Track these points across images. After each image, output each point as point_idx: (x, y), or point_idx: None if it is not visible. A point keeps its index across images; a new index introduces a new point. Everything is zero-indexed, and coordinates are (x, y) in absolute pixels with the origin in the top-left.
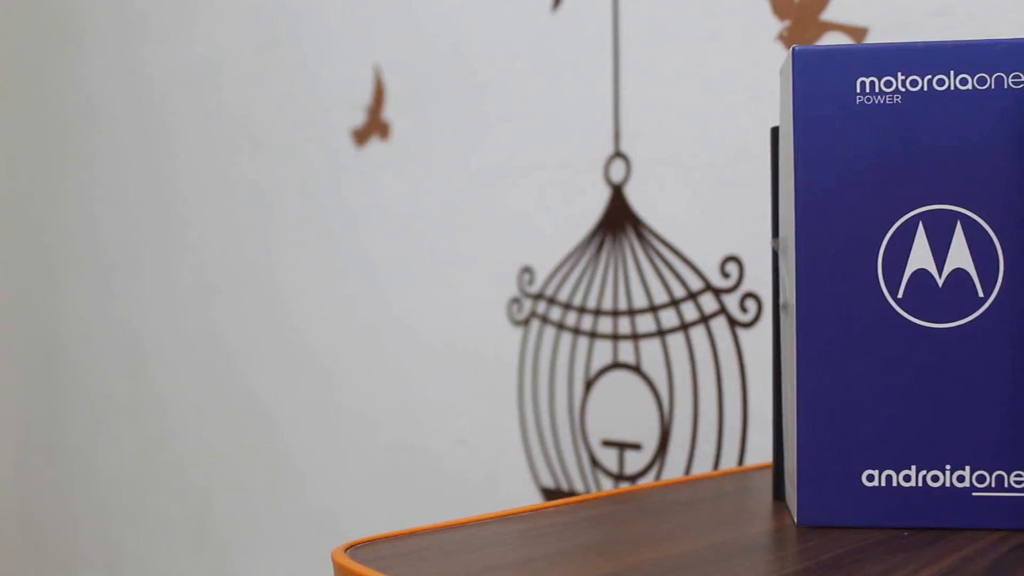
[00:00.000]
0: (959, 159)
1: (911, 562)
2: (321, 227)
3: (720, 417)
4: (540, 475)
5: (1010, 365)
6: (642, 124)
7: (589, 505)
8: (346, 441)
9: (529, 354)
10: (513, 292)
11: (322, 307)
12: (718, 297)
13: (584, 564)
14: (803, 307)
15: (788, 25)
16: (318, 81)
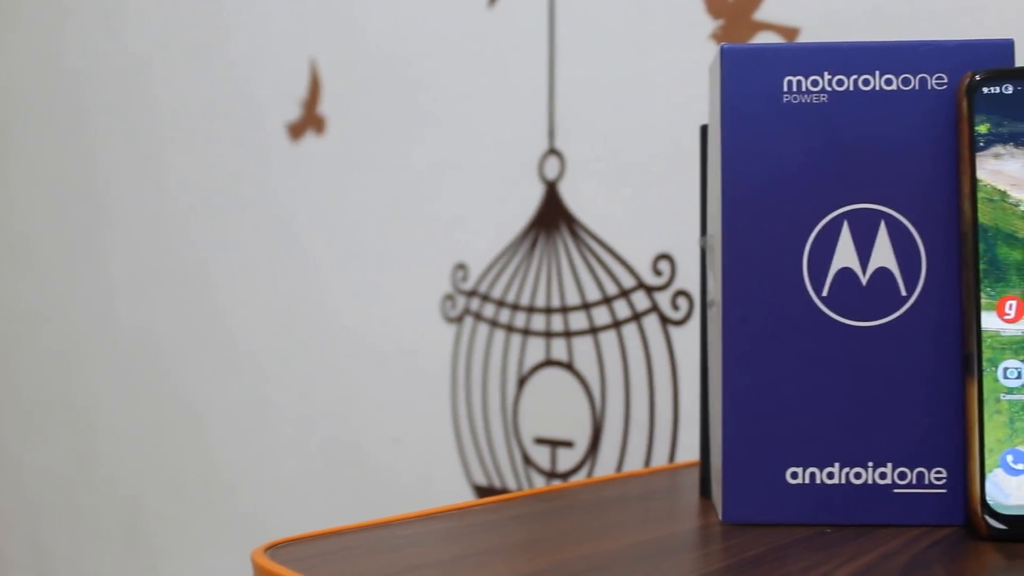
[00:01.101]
0: (883, 159)
1: (832, 559)
2: (254, 222)
3: (651, 414)
4: (473, 473)
5: (931, 363)
6: (577, 121)
7: (516, 503)
8: (278, 440)
9: (462, 351)
10: (447, 289)
11: (255, 304)
12: (650, 295)
13: (508, 563)
14: (729, 305)
15: (722, 24)
16: (252, 74)
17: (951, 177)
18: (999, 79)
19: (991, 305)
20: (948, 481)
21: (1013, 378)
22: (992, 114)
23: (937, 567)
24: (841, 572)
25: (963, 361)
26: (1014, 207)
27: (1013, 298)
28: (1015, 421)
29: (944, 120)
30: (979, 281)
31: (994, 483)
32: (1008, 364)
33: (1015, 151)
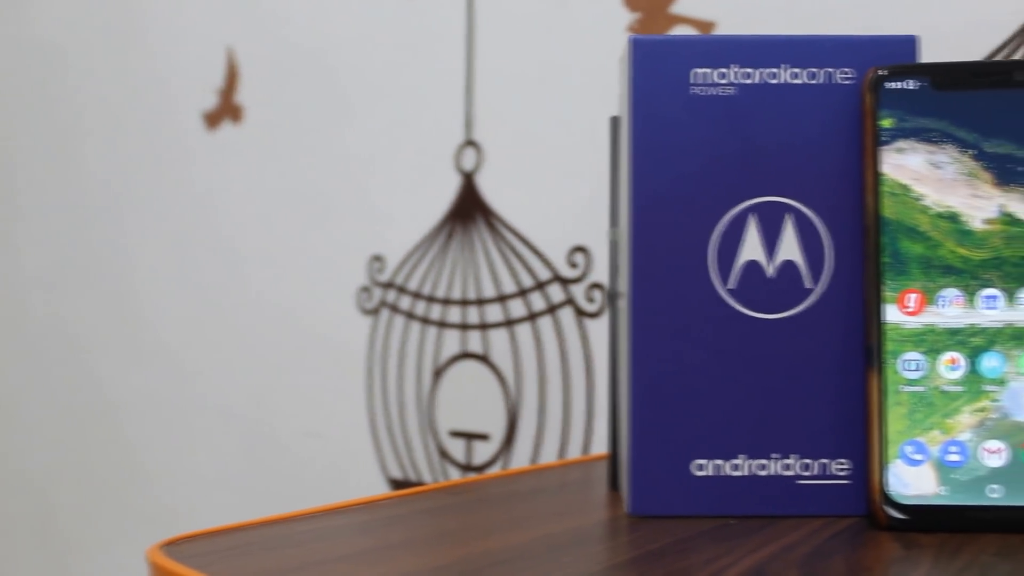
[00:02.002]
0: (790, 152)
1: (734, 550)
2: (170, 212)
3: (566, 407)
4: (389, 466)
5: (835, 355)
6: (494, 113)
7: (425, 497)
8: (195, 433)
9: (378, 344)
10: (363, 281)
11: (171, 295)
12: (566, 287)
13: (411, 558)
14: (636, 297)
15: (639, 17)
16: (168, 62)
17: (856, 171)
18: (903, 74)
19: (893, 298)
20: (851, 472)
21: (913, 370)
22: (896, 109)
23: (837, 557)
24: (743, 563)
25: (865, 353)
26: (916, 201)
27: (914, 291)
28: (915, 412)
29: (849, 114)
30: (881, 274)
31: (894, 474)
32: (909, 356)
33: (917, 146)
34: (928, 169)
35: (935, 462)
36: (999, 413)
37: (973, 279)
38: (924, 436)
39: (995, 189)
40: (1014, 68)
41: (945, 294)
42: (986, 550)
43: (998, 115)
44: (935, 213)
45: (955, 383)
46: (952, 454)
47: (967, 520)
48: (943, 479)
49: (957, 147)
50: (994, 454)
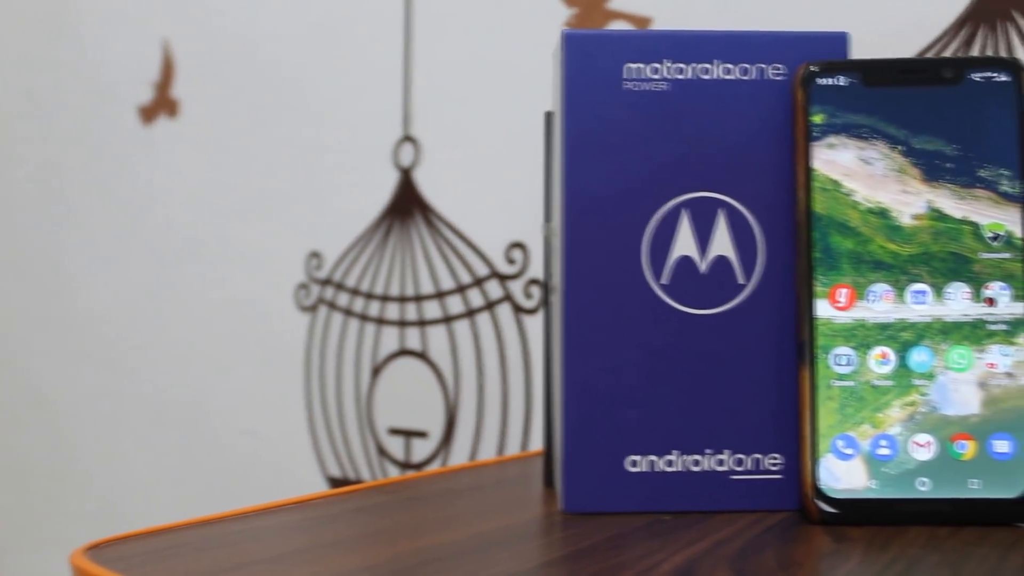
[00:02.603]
0: (722, 147)
1: (667, 547)
2: (106, 207)
3: (504, 404)
4: (327, 465)
5: (767, 350)
6: (432, 108)
7: (360, 495)
8: (131, 432)
9: (317, 341)
10: (301, 277)
11: (107, 290)
12: (503, 284)
13: (342, 557)
14: (569, 293)
15: (576, 13)
16: (102, 55)
17: (787, 166)
18: (834, 71)
19: (824, 293)
20: (784, 467)
21: (844, 365)
22: (827, 105)
23: (769, 552)
24: (675, 559)
25: (797, 349)
26: (846, 197)
27: (845, 286)
28: (845, 407)
29: (781, 110)
30: (812, 270)
31: (826, 468)
32: (839, 351)
33: (848, 141)
34: (858, 165)
35: (865, 456)
36: (928, 407)
37: (902, 274)
38: (855, 430)
39: (923, 185)
40: (942, 66)
41: (875, 289)
42: (915, 543)
43: (926, 112)
44: (865, 209)
45: (885, 377)
46: (882, 448)
47: (897, 513)
48: (873, 473)
49: (887, 143)
50: (923, 447)
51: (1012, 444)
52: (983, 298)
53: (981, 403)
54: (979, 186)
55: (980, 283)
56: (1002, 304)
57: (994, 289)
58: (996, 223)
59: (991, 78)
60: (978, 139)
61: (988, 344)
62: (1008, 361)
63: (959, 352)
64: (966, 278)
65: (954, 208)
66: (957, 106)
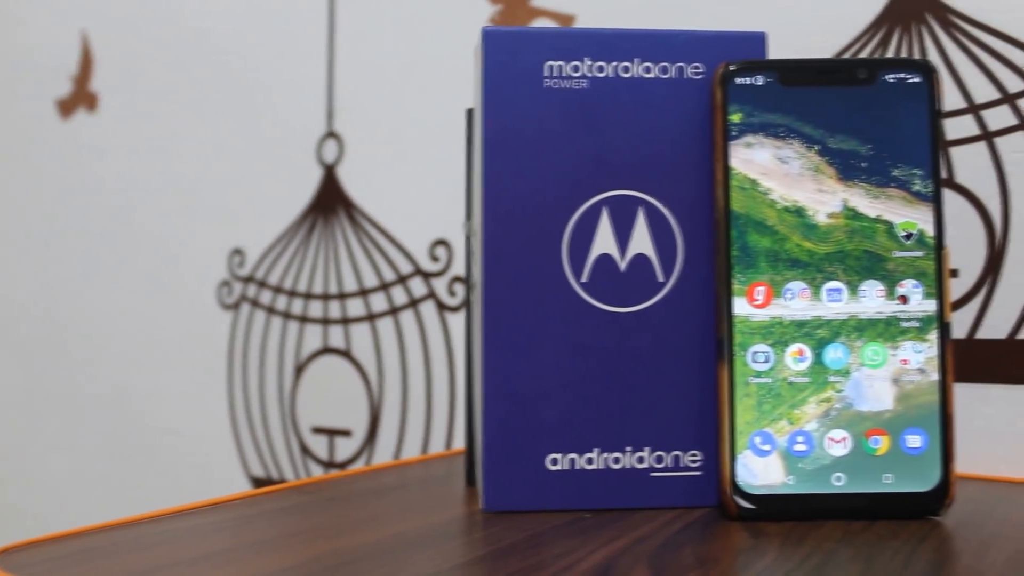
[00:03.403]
0: (642, 145)
1: (586, 544)
2: (22, 203)
3: (429, 401)
4: (250, 464)
5: (687, 348)
6: (356, 104)
7: (280, 496)
8: (49, 432)
9: (239, 339)
10: (223, 275)
11: (23, 289)
12: (427, 281)
13: (256, 559)
14: (488, 291)
15: (500, 9)
16: (19, 46)
17: (706, 165)
18: (751, 70)
19: (742, 291)
20: (703, 464)
21: (761, 362)
22: (744, 104)
23: (687, 549)
24: (594, 558)
25: (716, 346)
26: (764, 195)
27: (762, 284)
28: (763, 404)
29: (700, 109)
30: (730, 268)
31: (743, 464)
32: (757, 348)
33: (765, 141)
34: (775, 164)
35: (782, 452)
36: (843, 403)
37: (818, 272)
38: (772, 427)
39: (838, 184)
40: (857, 66)
41: (792, 287)
42: (830, 537)
43: (842, 112)
44: (782, 207)
45: (801, 374)
46: (799, 444)
47: (813, 508)
48: (790, 468)
49: (803, 142)
50: (838, 443)
51: (924, 439)
52: (896, 296)
53: (894, 399)
54: (892, 185)
55: (894, 281)
56: (914, 302)
57: (907, 287)
58: (909, 222)
59: (904, 79)
60: (892, 139)
61: (901, 341)
62: (920, 357)
63: (873, 349)
64: (880, 276)
65: (868, 207)
66: (871, 106)
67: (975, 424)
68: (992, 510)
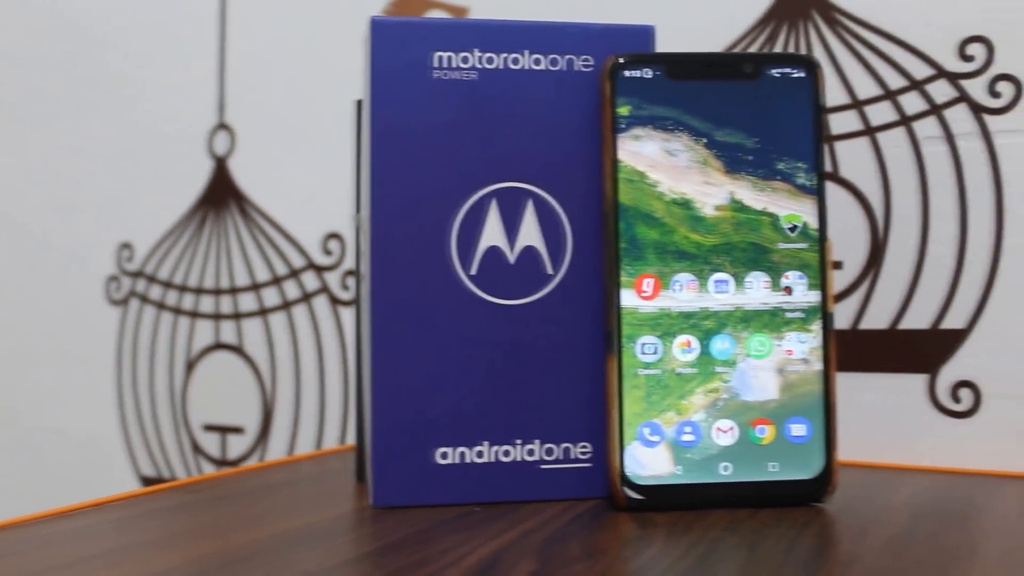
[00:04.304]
0: (531, 137)
1: (475, 538)
2: None
3: (322, 397)
4: (140, 464)
5: (576, 340)
6: (248, 95)
7: (166, 495)
8: None
9: (128, 335)
10: (111, 270)
11: None
12: (320, 275)
13: (138, 561)
14: (376, 284)
15: (394, 0)
16: None
17: (594, 158)
18: (639, 63)
19: (630, 283)
20: (593, 455)
21: (650, 353)
22: (633, 97)
23: (574, 541)
24: (481, 551)
25: (604, 338)
26: (651, 188)
27: (650, 276)
28: (651, 395)
29: (589, 101)
30: (618, 260)
31: (632, 455)
32: (645, 340)
33: (653, 133)
34: (663, 156)
35: (670, 443)
36: (729, 393)
37: (705, 264)
38: (660, 418)
39: (725, 177)
40: (743, 61)
41: (679, 278)
42: (716, 525)
43: (728, 105)
44: (669, 199)
45: (689, 365)
46: (686, 434)
47: (700, 497)
48: (678, 459)
49: (690, 135)
50: (725, 433)
51: (807, 427)
52: (781, 287)
53: (779, 389)
54: (777, 178)
55: (778, 273)
56: (798, 293)
57: (791, 278)
58: (793, 214)
59: (788, 74)
60: (776, 133)
61: (786, 332)
62: (804, 348)
63: (759, 339)
64: (765, 268)
65: (754, 200)
66: (757, 100)
67: (858, 412)
68: (873, 496)
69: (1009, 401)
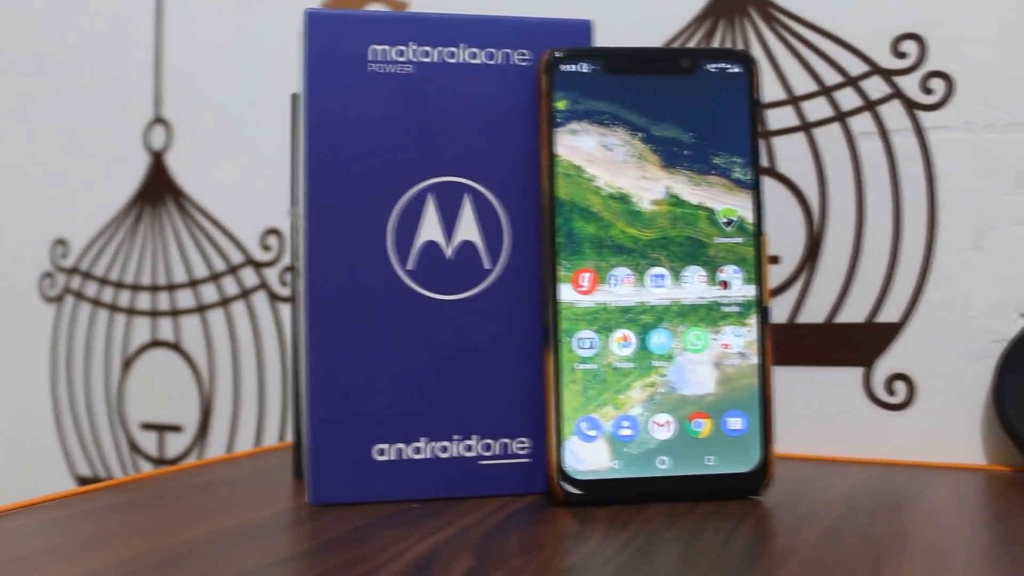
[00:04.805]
0: (468, 132)
1: (412, 535)
2: None
3: (261, 394)
4: (76, 464)
5: (514, 335)
6: (185, 89)
7: (99, 495)
8: None
9: (63, 333)
10: (45, 266)
11: None
12: (259, 271)
13: (66, 563)
14: (312, 279)
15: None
16: None
17: (532, 152)
18: (577, 57)
19: (567, 278)
20: (531, 450)
21: (587, 348)
22: (570, 91)
23: (512, 536)
24: (419, 548)
25: (542, 332)
26: (589, 182)
27: (587, 271)
28: (588, 390)
29: (526, 95)
30: (556, 254)
31: (570, 450)
32: (583, 335)
33: (590, 128)
34: (600, 151)
35: (608, 437)
36: (667, 387)
37: (642, 258)
38: (598, 412)
39: (662, 171)
40: (680, 56)
41: (616, 273)
42: (654, 520)
43: (665, 100)
44: (607, 194)
45: (626, 360)
46: (624, 429)
47: (638, 492)
48: (616, 453)
49: (627, 130)
50: (662, 427)
51: (744, 421)
52: (718, 281)
53: (716, 382)
54: (714, 173)
55: (715, 267)
56: (735, 287)
57: (728, 272)
58: (729, 208)
59: (725, 69)
60: (713, 127)
61: (722, 325)
62: (740, 341)
63: (696, 334)
64: (702, 262)
65: (691, 194)
66: (694, 95)
67: (795, 405)
68: (809, 488)
69: (942, 394)
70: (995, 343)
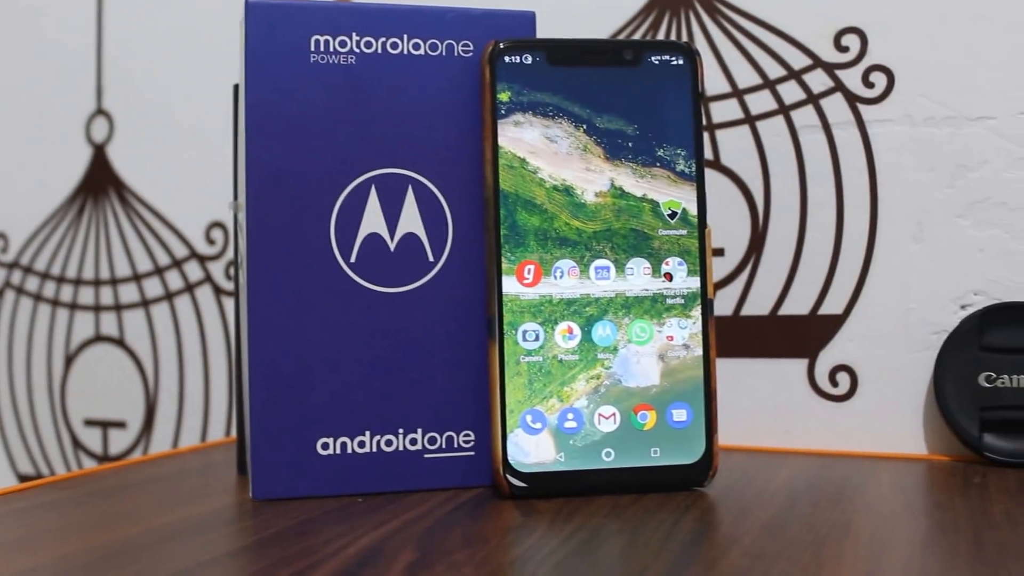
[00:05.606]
0: (411, 124)
1: (355, 529)
2: None
3: (207, 389)
4: (18, 462)
5: (458, 328)
6: (126, 80)
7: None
8: None
9: (3, 329)
10: None
11: None
12: (203, 265)
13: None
14: (253, 272)
15: None
16: None
17: (475, 144)
18: (520, 49)
19: (511, 270)
20: (476, 444)
21: (532, 340)
22: (513, 83)
23: (456, 529)
24: (362, 542)
25: (486, 325)
26: (532, 174)
27: (531, 263)
28: (534, 382)
29: (470, 87)
30: (500, 247)
31: (515, 443)
32: (527, 327)
33: (534, 120)
34: (544, 143)
35: (553, 430)
36: (611, 380)
37: (586, 250)
38: (542, 405)
39: (606, 163)
40: (623, 48)
41: (560, 265)
42: (599, 512)
43: (609, 92)
44: (551, 186)
45: (571, 352)
46: (569, 421)
47: (584, 484)
48: (561, 446)
49: (571, 122)
50: (607, 419)
51: (688, 412)
52: (662, 273)
53: (660, 374)
54: (658, 165)
55: (659, 259)
56: (679, 279)
57: (672, 265)
58: (673, 201)
59: (668, 61)
60: (656, 120)
61: (667, 317)
62: (684, 333)
63: (640, 326)
64: (646, 254)
65: (635, 186)
66: (637, 87)
67: (739, 397)
68: (753, 479)
69: (884, 385)
70: (935, 334)
